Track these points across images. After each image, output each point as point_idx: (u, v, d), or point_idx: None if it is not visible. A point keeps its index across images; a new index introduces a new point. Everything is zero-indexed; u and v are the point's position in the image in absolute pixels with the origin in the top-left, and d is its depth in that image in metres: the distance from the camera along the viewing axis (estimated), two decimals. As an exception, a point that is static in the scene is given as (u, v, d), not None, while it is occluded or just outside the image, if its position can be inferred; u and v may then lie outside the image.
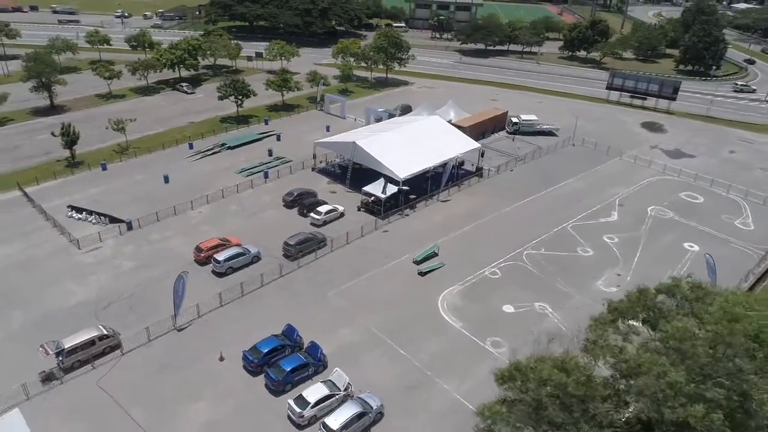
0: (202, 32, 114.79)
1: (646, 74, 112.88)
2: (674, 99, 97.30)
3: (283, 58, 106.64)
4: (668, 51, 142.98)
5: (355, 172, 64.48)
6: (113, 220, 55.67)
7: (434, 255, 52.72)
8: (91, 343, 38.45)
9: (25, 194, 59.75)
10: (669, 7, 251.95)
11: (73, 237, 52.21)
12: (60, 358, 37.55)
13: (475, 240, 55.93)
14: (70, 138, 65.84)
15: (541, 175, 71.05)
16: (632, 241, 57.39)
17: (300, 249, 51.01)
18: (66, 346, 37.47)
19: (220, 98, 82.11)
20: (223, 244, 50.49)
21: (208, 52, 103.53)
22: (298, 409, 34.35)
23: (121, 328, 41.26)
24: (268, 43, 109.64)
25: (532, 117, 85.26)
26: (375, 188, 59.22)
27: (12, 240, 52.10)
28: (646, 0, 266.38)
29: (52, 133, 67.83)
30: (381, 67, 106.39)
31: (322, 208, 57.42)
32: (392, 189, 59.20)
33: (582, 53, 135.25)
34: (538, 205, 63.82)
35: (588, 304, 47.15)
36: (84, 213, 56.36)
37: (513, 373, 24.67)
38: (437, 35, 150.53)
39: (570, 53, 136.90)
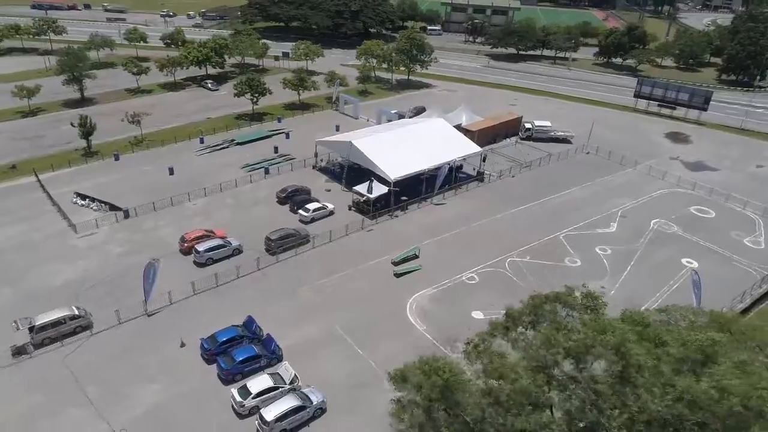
0: (231, 31, 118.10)
1: (676, 83, 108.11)
2: (705, 109, 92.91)
3: (307, 58, 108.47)
4: (713, 59, 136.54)
5: (352, 172, 64.95)
6: (113, 207, 58.28)
7: (415, 257, 52.55)
8: (62, 322, 40.50)
9: (39, 180, 63.35)
10: (726, 15, 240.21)
11: (72, 222, 55.04)
12: (31, 334, 39.73)
13: (460, 244, 55.32)
14: (86, 129, 69.33)
15: (544, 182, 69.46)
16: (626, 253, 55.34)
17: (280, 244, 51.90)
18: (37, 323, 39.69)
19: (236, 95, 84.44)
20: (207, 236, 52.00)
21: (235, 51, 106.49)
22: (239, 399, 35.10)
23: (96, 310, 43.24)
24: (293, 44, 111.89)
25: (546, 123, 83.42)
26: (364, 188, 59.50)
27: (17, 222, 55.41)
28: (703, 7, 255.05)
29: (72, 124, 71.58)
30: (403, 69, 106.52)
31: (311, 206, 58.23)
32: (381, 189, 59.35)
33: (618, 60, 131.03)
34: (534, 212, 62.49)
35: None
36: (87, 200, 59.27)
37: (404, 375, 24.55)
38: (471, 39, 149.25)
39: (605, 60, 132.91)
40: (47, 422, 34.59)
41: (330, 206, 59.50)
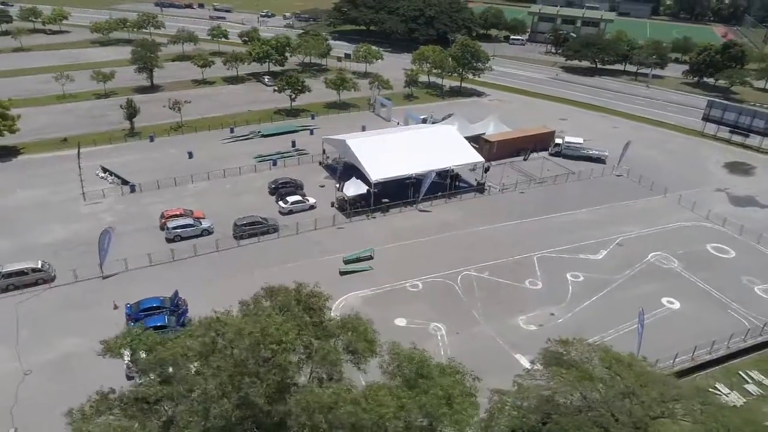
0: (300, 31, 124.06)
1: (754, 106, 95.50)
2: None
3: (366, 60, 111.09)
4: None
5: (348, 170, 66.02)
6: (124, 182, 64.68)
7: (369, 258, 52.55)
8: (25, 272, 46.28)
9: (78, 153, 71.76)
10: None
11: (85, 191, 62.02)
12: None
13: (422, 252, 54.32)
14: (129, 111, 77.35)
15: (551, 200, 65.63)
16: (600, 284, 50.92)
17: (245, 230, 54.56)
18: (3, 271, 45.73)
19: (275, 91, 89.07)
20: (183, 215, 56.05)
21: (298, 50, 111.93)
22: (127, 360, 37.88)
23: (65, 267, 48.61)
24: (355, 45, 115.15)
25: (578, 140, 78.39)
26: (345, 187, 60.42)
27: (44, 186, 63.56)
28: None
29: (120, 106, 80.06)
30: (456, 75, 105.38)
31: (291, 198, 60.34)
32: (360, 189, 59.88)
33: (710, 80, 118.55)
34: (521, 229, 59.46)
35: (488, 336, 43.89)
36: (107, 173, 66.32)
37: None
38: (552, 51, 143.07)
39: (695, 79, 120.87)
40: (-22, 354, 39.98)
41: (311, 201, 61.19)
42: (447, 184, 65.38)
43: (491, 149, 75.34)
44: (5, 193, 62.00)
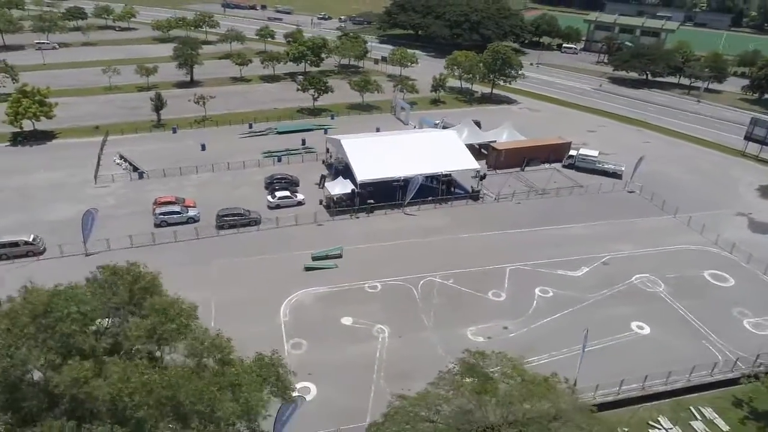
0: (341, 34, 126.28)
1: None
2: (832, 164, 74.23)
3: (401, 63, 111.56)
4: None
5: (346, 170, 66.85)
6: (135, 169, 68.91)
7: (338, 256, 53.04)
8: (17, 244, 50.61)
9: (104, 140, 77.27)
10: None
11: (98, 175, 66.69)
12: (-6, 248, 50.55)
13: (394, 255, 54.10)
14: (156, 104, 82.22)
15: (547, 213, 63.36)
16: (568, 301, 48.68)
17: (225, 221, 56.71)
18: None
19: (298, 90, 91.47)
20: (173, 203, 59.02)
21: (336, 52, 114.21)
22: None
23: (57, 243, 52.55)
24: (393, 48, 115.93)
25: (593, 152, 74.99)
26: (333, 185, 61.30)
27: (64, 168, 68.87)
28: None
29: (150, 98, 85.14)
30: (487, 82, 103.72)
31: (279, 193, 61.98)
32: (345, 188, 60.53)
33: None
34: (504, 239, 57.83)
35: (430, 343, 43.30)
36: (122, 160, 70.90)
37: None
38: (604, 60, 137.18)
39: (756, 95, 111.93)
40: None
41: (300, 197, 62.55)
42: (439, 189, 64.65)
43: (498, 157, 73.72)
44: (30, 172, 67.77)
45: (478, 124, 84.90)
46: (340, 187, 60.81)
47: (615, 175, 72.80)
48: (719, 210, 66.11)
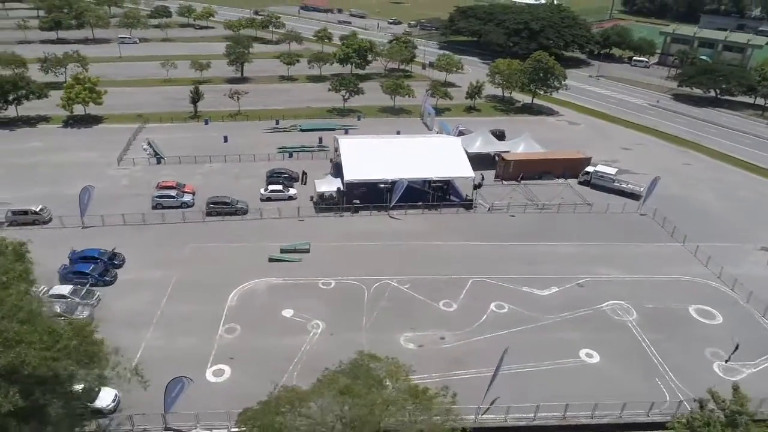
0: (391, 39, 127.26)
1: None
2: None
3: (446, 69, 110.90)
4: None
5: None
6: (157, 155, 74.23)
7: (305, 251, 54.20)
8: (26, 213, 56.66)
9: (140, 127, 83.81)
10: None
11: (122, 158, 72.66)
12: (9, 215, 56.68)
13: (363, 255, 54.34)
14: (193, 97, 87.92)
15: (539, 227, 60.80)
16: (522, 319, 46.59)
17: (213, 208, 59.83)
18: (12, 209, 56.54)
19: (329, 90, 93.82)
20: (173, 187, 63.07)
21: (383, 55, 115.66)
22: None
23: (67, 216, 57.95)
24: (439, 53, 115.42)
25: (611, 170, 70.57)
26: (318, 183, 62.73)
27: (95, 150, 75.55)
28: None
29: (190, 91, 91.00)
30: (528, 91, 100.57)
31: (272, 186, 64.28)
32: (332, 187, 61.63)
33: None
34: (480, 251, 56.20)
35: (358, 343, 43.02)
36: (149, 146, 76.62)
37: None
38: (674, 75, 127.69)
39: None
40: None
41: (292, 191, 64.49)
42: (430, 194, 63.94)
43: (506, 168, 71.52)
44: (69, 151, 75.16)
45: (502, 134, 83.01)
46: (326, 185, 62.05)
47: (633, 195, 68.04)
48: (741, 243, 59.94)
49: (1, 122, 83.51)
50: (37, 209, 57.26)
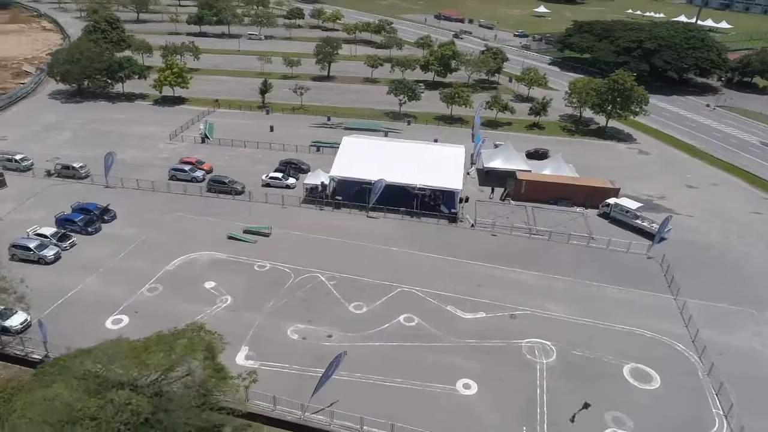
0: (483, 49, 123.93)
1: None
2: None
3: (530, 83, 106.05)
4: None
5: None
6: (205, 135, 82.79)
7: (266, 235, 57.18)
8: (69, 167, 67.77)
9: (209, 110, 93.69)
10: None
11: (175, 134, 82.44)
12: (58, 167, 68.27)
13: (313, 247, 55.76)
14: (261, 89, 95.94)
15: (515, 252, 56.62)
16: (421, 335, 44.48)
17: (212, 185, 65.75)
18: (62, 163, 68.14)
19: (388, 94, 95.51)
20: (191, 163, 70.30)
21: (468, 65, 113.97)
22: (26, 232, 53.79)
23: (98, 176, 68.05)
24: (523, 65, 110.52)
25: (633, 204, 62.34)
26: (313, 176, 65.23)
27: (162, 124, 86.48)
28: None
29: (259, 84, 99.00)
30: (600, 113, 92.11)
31: (273, 174, 68.51)
32: (315, 181, 63.76)
33: None
34: (432, 263, 54.24)
35: (250, 323, 45.01)
36: (204, 127, 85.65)
37: None
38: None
39: None
40: None
41: (290, 181, 67.98)
42: (416, 200, 62.75)
43: (518, 188, 67.17)
44: (140, 124, 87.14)
45: (545, 153, 78.04)
46: (312, 178, 64.31)
47: (651, 236, 59.69)
48: (757, 310, 49.59)
49: (108, 96, 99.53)
50: (78, 166, 68.03)
